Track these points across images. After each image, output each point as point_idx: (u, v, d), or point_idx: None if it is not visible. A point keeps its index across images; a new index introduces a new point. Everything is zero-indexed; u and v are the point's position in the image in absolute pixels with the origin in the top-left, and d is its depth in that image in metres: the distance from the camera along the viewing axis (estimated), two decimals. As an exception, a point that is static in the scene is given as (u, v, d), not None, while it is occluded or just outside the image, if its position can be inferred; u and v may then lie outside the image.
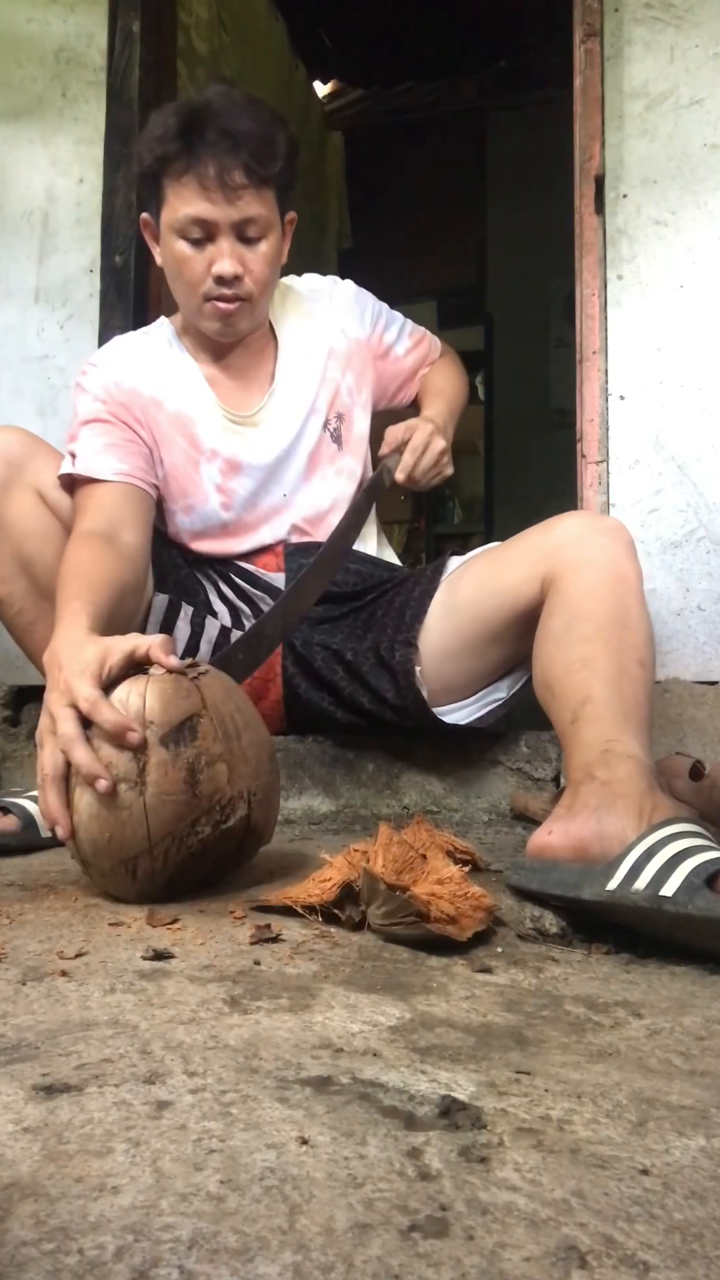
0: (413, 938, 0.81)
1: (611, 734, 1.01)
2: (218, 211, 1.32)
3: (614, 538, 1.24)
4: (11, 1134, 0.47)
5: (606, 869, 0.84)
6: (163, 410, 1.45)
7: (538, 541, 1.30)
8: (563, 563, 1.23)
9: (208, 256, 1.36)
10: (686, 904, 0.76)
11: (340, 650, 1.46)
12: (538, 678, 1.19)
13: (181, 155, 1.31)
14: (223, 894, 0.99)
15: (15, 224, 2.12)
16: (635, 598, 1.17)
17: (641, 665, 1.10)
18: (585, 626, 1.14)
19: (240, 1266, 0.37)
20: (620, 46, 1.79)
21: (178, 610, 1.45)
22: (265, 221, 1.36)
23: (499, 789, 1.52)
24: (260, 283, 1.39)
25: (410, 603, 1.43)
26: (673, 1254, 0.38)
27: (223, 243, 1.35)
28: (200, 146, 1.30)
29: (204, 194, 1.32)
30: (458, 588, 1.39)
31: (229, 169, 1.30)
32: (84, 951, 0.79)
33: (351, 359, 1.56)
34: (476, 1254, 0.38)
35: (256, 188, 1.33)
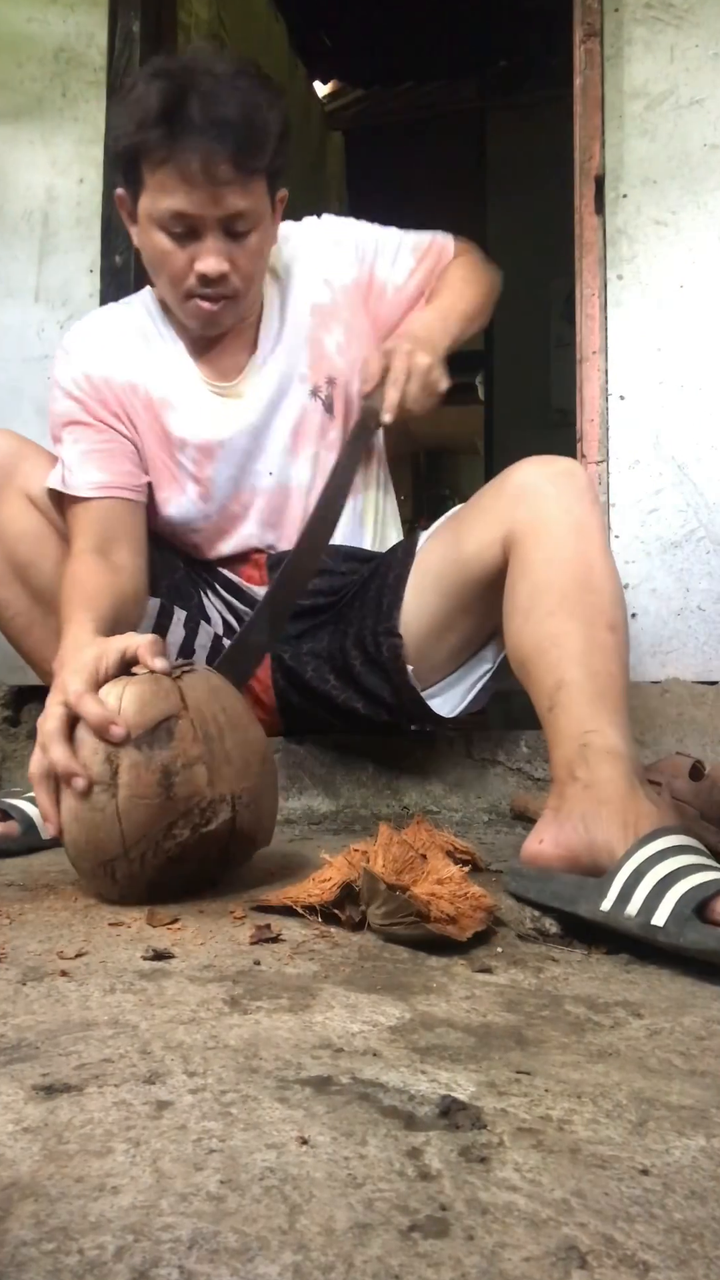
0: (413, 938, 0.81)
1: (589, 724, 0.99)
2: (203, 207, 1.21)
3: (569, 484, 1.17)
4: (11, 1134, 0.47)
5: (599, 885, 0.84)
6: (138, 395, 1.38)
7: (493, 500, 1.24)
8: (519, 522, 1.17)
9: (190, 253, 1.25)
10: (678, 936, 0.76)
11: (330, 654, 1.43)
12: (511, 656, 1.16)
13: (162, 144, 1.18)
14: (223, 894, 0.99)
15: (15, 224, 2.12)
16: (598, 550, 1.12)
17: (611, 630, 1.07)
18: (550, 597, 1.09)
19: (240, 1266, 0.37)
20: (620, 46, 1.80)
21: (170, 614, 1.43)
22: (254, 214, 1.25)
23: (499, 789, 1.52)
24: (248, 278, 1.30)
25: (386, 589, 1.37)
26: (673, 1254, 0.38)
27: (207, 240, 1.24)
28: (183, 135, 1.17)
29: (187, 187, 1.20)
30: (427, 564, 1.34)
31: (215, 162, 1.18)
32: (84, 951, 0.79)
33: (339, 311, 1.43)
34: (476, 1254, 0.38)
35: (245, 180, 1.22)
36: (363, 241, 1.46)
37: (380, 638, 1.35)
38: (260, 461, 1.41)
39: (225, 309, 1.31)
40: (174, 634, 1.43)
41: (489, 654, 1.38)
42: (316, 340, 1.42)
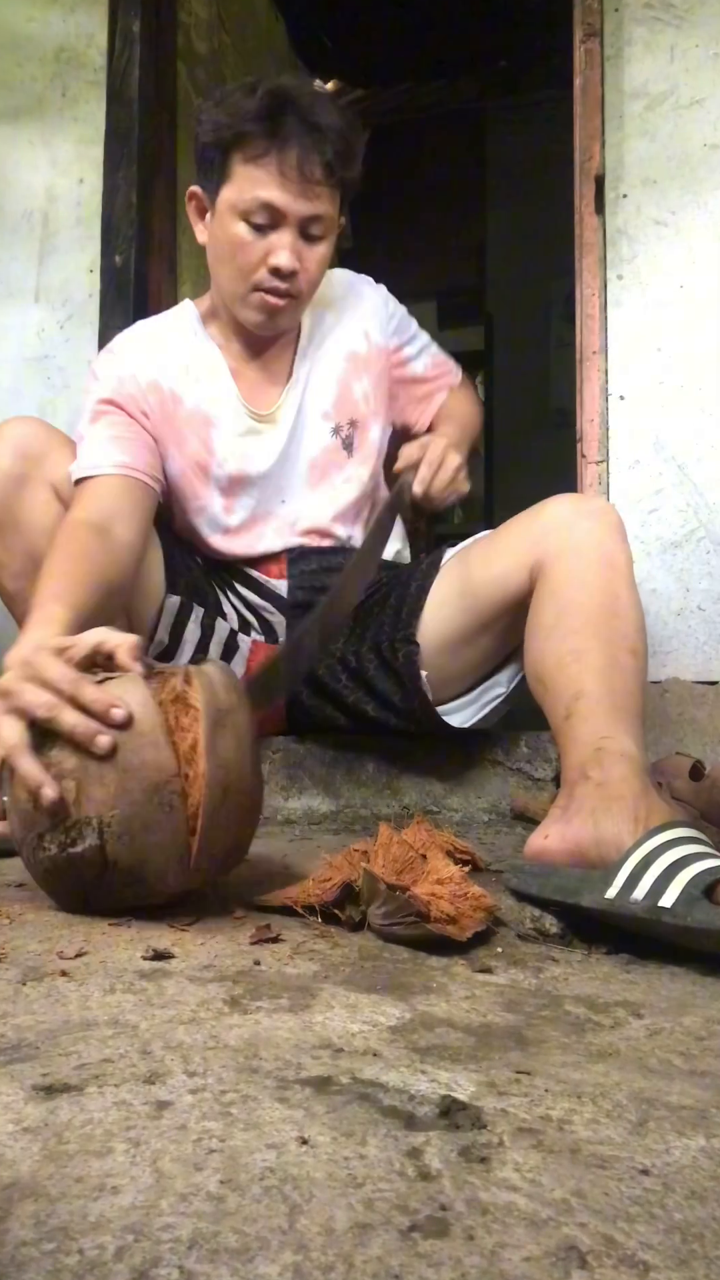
0: (413, 938, 0.81)
1: (604, 730, 1.01)
2: (291, 201, 1.28)
3: (600, 521, 1.21)
4: (11, 1134, 0.47)
5: (605, 875, 0.84)
6: (181, 406, 1.41)
7: (525, 528, 1.28)
8: (550, 551, 1.20)
9: (267, 245, 1.31)
10: (686, 916, 0.76)
11: (344, 655, 1.44)
12: (530, 671, 1.18)
13: (264, 136, 1.26)
14: (223, 894, 0.99)
15: (15, 224, 2.13)
16: (624, 583, 1.16)
17: (633, 654, 1.09)
18: (575, 618, 1.12)
19: (240, 1266, 0.37)
20: (620, 46, 1.80)
21: (189, 612, 1.44)
22: (330, 221, 1.32)
23: (499, 789, 1.52)
24: (311, 283, 1.36)
25: (407, 598, 1.40)
26: (673, 1254, 0.38)
27: (285, 234, 1.30)
28: (286, 131, 1.26)
29: (281, 180, 1.27)
30: (451, 578, 1.38)
31: (311, 161, 1.26)
32: (84, 951, 0.79)
33: (371, 365, 1.50)
34: (476, 1254, 0.38)
35: (332, 186, 1.30)
36: (402, 320, 1.56)
37: (398, 644, 1.38)
38: (276, 488, 1.45)
39: (286, 309, 1.36)
40: (191, 631, 1.44)
41: (504, 677, 1.41)
42: (346, 385, 1.47)
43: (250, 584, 1.49)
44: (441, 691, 1.40)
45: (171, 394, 1.41)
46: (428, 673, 1.37)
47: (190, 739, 0.86)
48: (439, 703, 1.40)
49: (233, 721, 0.88)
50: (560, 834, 0.95)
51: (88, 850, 0.85)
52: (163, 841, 0.85)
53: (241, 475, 1.43)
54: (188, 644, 1.43)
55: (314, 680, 1.46)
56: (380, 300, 1.54)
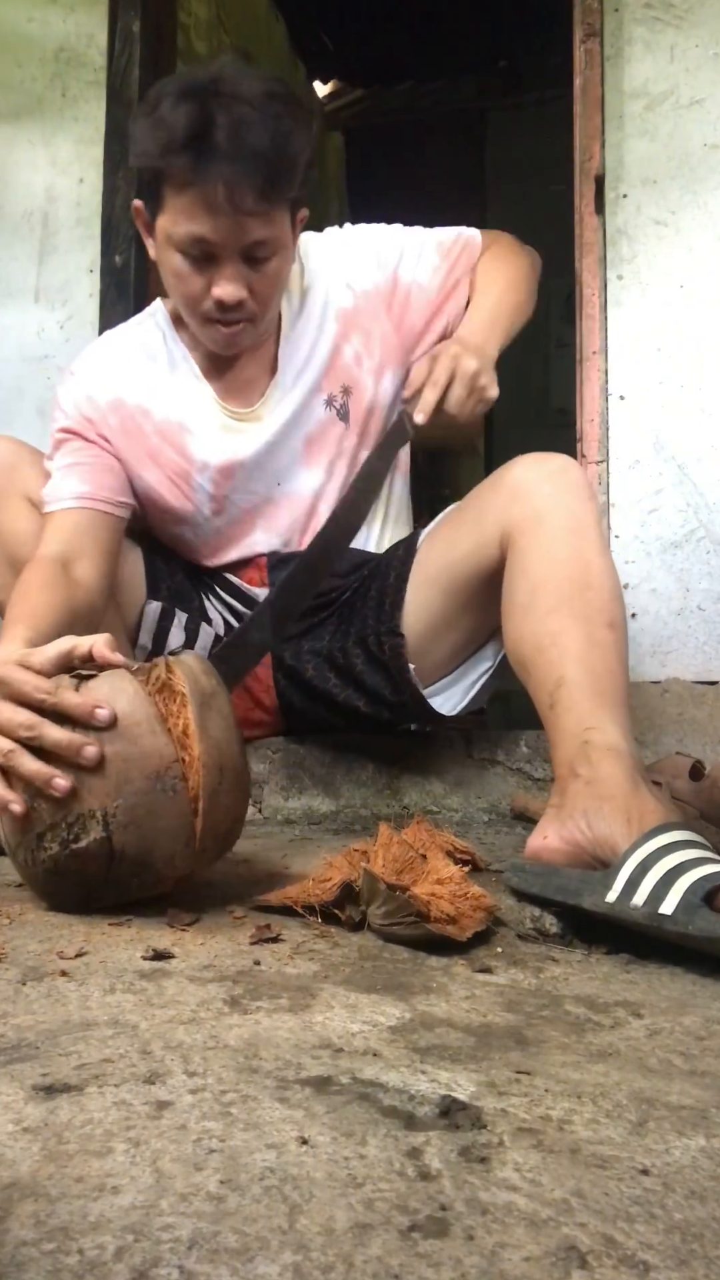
0: (413, 938, 0.81)
1: (589, 721, 1.00)
2: (224, 234, 1.19)
3: (563, 480, 1.17)
4: (11, 1134, 0.47)
5: (605, 878, 0.84)
6: (150, 419, 1.36)
7: (490, 498, 1.24)
8: (515, 520, 1.17)
9: (208, 278, 1.23)
10: (687, 924, 0.76)
11: (329, 653, 1.43)
12: (511, 654, 1.16)
13: (188, 170, 1.15)
14: (223, 894, 0.99)
15: (15, 224, 2.13)
16: (594, 548, 1.12)
17: (610, 627, 1.07)
18: (548, 595, 1.10)
19: (240, 1266, 0.37)
20: (620, 46, 1.80)
21: (171, 617, 1.42)
22: (276, 242, 1.23)
23: (499, 789, 1.52)
24: (265, 302, 1.28)
25: (388, 590, 1.37)
26: (673, 1254, 0.38)
27: (226, 267, 1.22)
28: (210, 162, 1.14)
29: (210, 215, 1.17)
30: (427, 562, 1.35)
31: (241, 192, 1.15)
32: (84, 951, 0.79)
33: (359, 317, 1.39)
34: (476, 1254, 0.38)
35: (269, 210, 1.19)
36: (384, 246, 1.42)
37: (383, 638, 1.36)
38: (271, 472, 1.40)
39: (243, 331, 1.30)
40: (174, 637, 1.43)
41: (489, 652, 1.38)
42: (337, 349, 1.39)
43: (231, 590, 1.47)
44: (429, 676, 1.38)
45: (138, 408, 1.36)
46: (414, 664, 1.35)
47: (181, 724, 0.88)
48: (427, 684, 1.38)
49: (217, 704, 0.90)
50: (557, 834, 0.95)
51: (93, 843, 0.85)
52: (169, 826, 0.86)
53: (228, 465, 1.38)
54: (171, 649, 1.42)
55: (304, 684, 1.45)
56: (345, 243, 1.42)
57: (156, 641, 1.42)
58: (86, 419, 1.35)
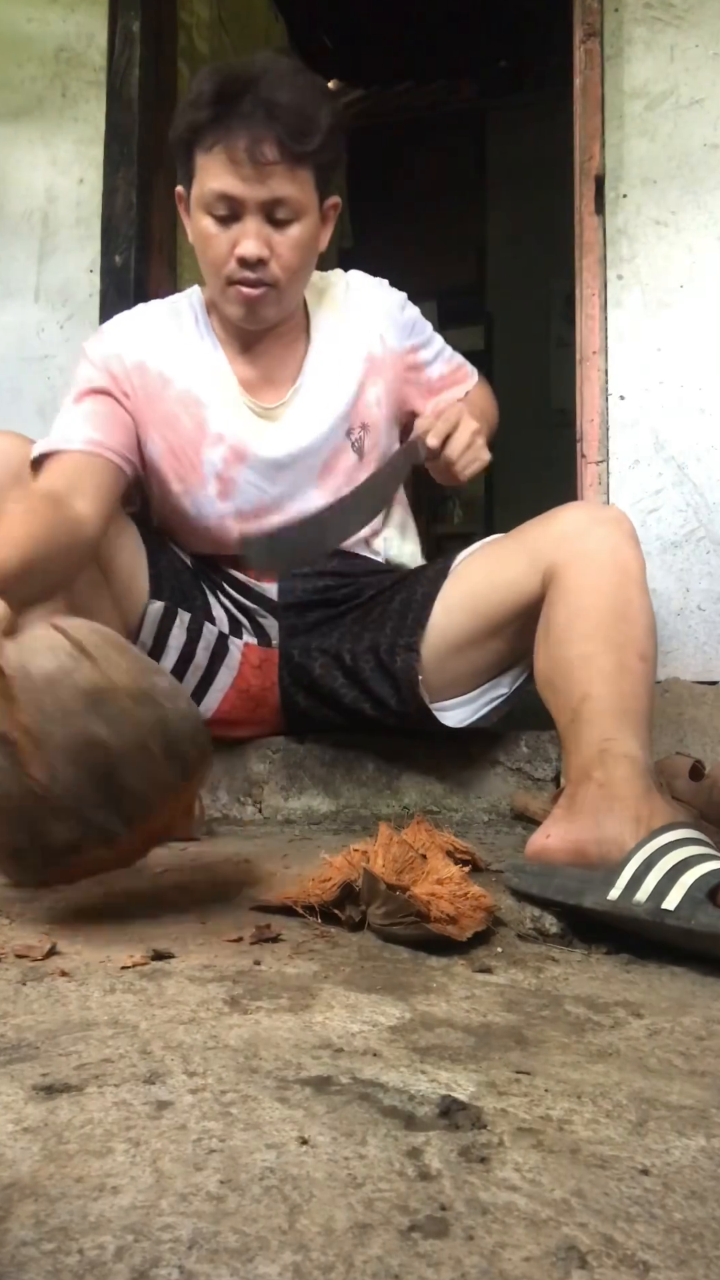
0: (413, 938, 0.81)
1: (609, 733, 1.01)
2: (245, 188, 1.23)
3: (615, 528, 1.22)
4: (11, 1134, 0.47)
5: (607, 876, 0.84)
6: (170, 387, 1.39)
7: (539, 535, 1.28)
8: (563, 557, 1.21)
9: (232, 236, 1.27)
10: (689, 919, 0.76)
11: (338, 652, 1.43)
12: (539, 674, 1.19)
13: (212, 125, 1.22)
14: (223, 894, 0.99)
15: (15, 224, 2.13)
16: (637, 588, 1.16)
17: (642, 659, 1.10)
18: (585, 623, 1.13)
19: (240, 1266, 0.37)
20: (620, 46, 1.80)
21: (174, 617, 1.42)
22: (297, 203, 1.26)
23: (499, 789, 1.52)
24: (288, 269, 1.30)
25: (413, 604, 1.39)
26: (673, 1254, 0.38)
27: (249, 223, 1.26)
28: (232, 117, 1.21)
29: (233, 169, 1.22)
30: (460, 582, 1.37)
31: (261, 143, 1.21)
32: (84, 951, 0.79)
33: (384, 369, 1.46)
34: (476, 1254, 0.38)
35: (290, 165, 1.23)
36: (417, 324, 1.51)
37: (398, 650, 1.37)
38: (287, 485, 1.43)
39: (265, 298, 1.32)
40: (175, 637, 1.42)
41: (507, 679, 1.41)
42: (362, 387, 1.44)
43: (238, 586, 1.48)
44: (444, 691, 1.39)
45: (159, 374, 1.38)
46: (430, 675, 1.36)
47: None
48: (439, 701, 1.39)
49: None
50: (562, 834, 0.95)
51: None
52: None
53: (241, 449, 1.40)
54: (172, 650, 1.42)
55: (310, 681, 1.46)
56: (395, 303, 1.50)
57: (157, 641, 1.42)
58: (111, 375, 1.37)
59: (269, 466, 1.41)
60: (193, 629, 1.44)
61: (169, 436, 1.39)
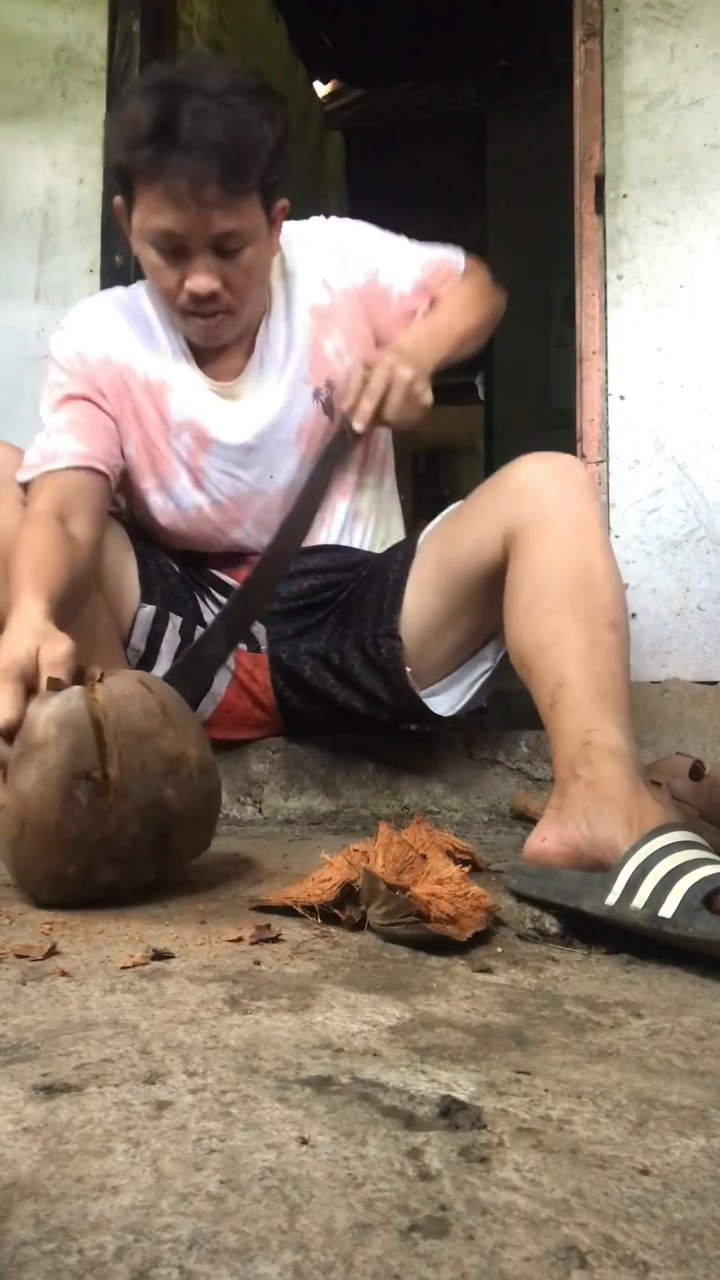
0: (413, 938, 0.81)
1: (590, 723, 1.00)
2: (191, 227, 1.21)
3: (568, 480, 1.18)
4: (11, 1134, 0.47)
5: (604, 880, 0.84)
6: (134, 377, 1.38)
7: (494, 497, 1.24)
8: (519, 519, 1.17)
9: (181, 271, 1.26)
10: (686, 927, 0.76)
11: (326, 654, 1.42)
12: (513, 653, 1.16)
13: (151, 164, 1.18)
14: (222, 894, 0.99)
15: (15, 224, 2.13)
16: (598, 548, 1.13)
17: (613, 628, 1.07)
18: (551, 595, 1.10)
19: (240, 1266, 0.37)
20: (620, 46, 1.80)
21: (166, 621, 1.42)
22: (246, 232, 1.24)
23: (499, 789, 1.52)
24: (242, 294, 1.30)
25: (386, 591, 1.37)
26: (673, 1254, 0.38)
27: (197, 259, 1.24)
28: (170, 155, 1.16)
29: (174, 208, 1.20)
30: (428, 561, 1.34)
31: (202, 184, 1.17)
32: (84, 951, 0.79)
33: (338, 315, 1.40)
34: (476, 1254, 0.38)
35: (234, 201, 1.20)
36: (368, 247, 1.44)
37: (380, 640, 1.35)
38: (263, 465, 1.41)
39: (222, 324, 1.32)
40: (169, 640, 1.42)
41: (489, 652, 1.38)
42: (316, 343, 1.41)
43: (224, 590, 1.47)
44: (428, 677, 1.38)
45: (125, 366, 1.37)
46: (412, 660, 1.34)
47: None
48: (425, 687, 1.38)
49: (41, 756, 0.90)
50: (556, 836, 0.95)
51: None
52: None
53: (202, 434, 1.38)
54: (165, 653, 1.42)
55: (302, 684, 1.45)
56: (335, 242, 1.43)
57: (150, 645, 1.42)
58: (81, 375, 1.37)
59: (236, 452, 1.40)
60: (185, 633, 1.43)
61: (140, 430, 1.39)
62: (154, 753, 0.92)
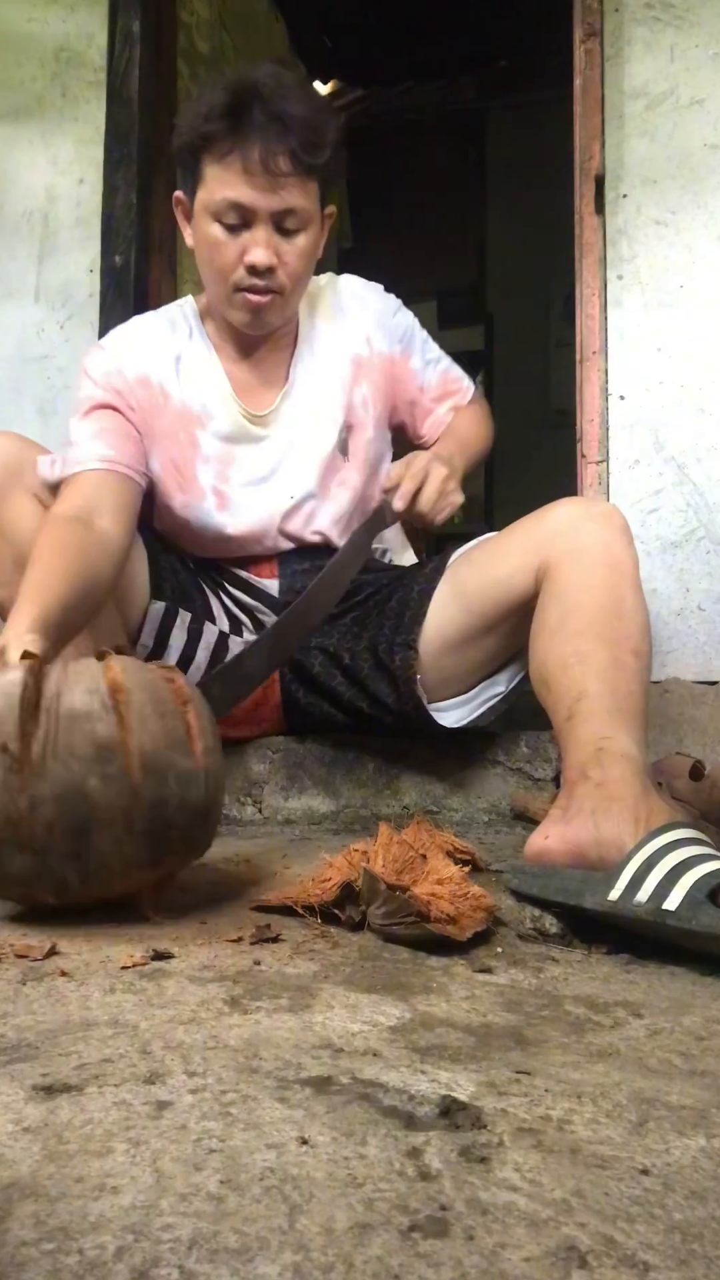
0: (413, 938, 0.81)
1: (605, 731, 1.01)
2: (258, 198, 1.26)
3: (607, 524, 1.22)
4: (11, 1134, 0.47)
5: (607, 878, 0.84)
6: (170, 401, 1.40)
7: (531, 530, 1.28)
8: (556, 553, 1.21)
9: (241, 244, 1.29)
10: (690, 920, 0.76)
11: (337, 652, 1.44)
12: (534, 672, 1.18)
13: (226, 135, 1.25)
14: (223, 894, 0.99)
15: (15, 224, 2.12)
16: (630, 585, 1.16)
17: (636, 655, 1.10)
18: (579, 620, 1.13)
19: (240, 1266, 0.37)
20: (620, 46, 1.79)
21: (174, 617, 1.43)
22: (306, 214, 1.30)
23: (499, 789, 1.52)
24: (294, 277, 1.33)
25: (410, 602, 1.39)
26: (673, 1254, 0.38)
27: (259, 231, 1.28)
28: (247, 127, 1.24)
29: (246, 178, 1.25)
30: (455, 580, 1.37)
31: (275, 154, 1.24)
32: (84, 951, 0.79)
33: (370, 371, 1.48)
34: (476, 1254, 0.38)
35: (301, 177, 1.27)
36: (411, 329, 1.52)
37: (396, 649, 1.37)
38: (281, 487, 1.44)
39: (271, 305, 1.34)
40: (176, 638, 1.43)
41: (504, 677, 1.41)
42: (348, 388, 1.46)
43: (240, 584, 1.49)
44: (440, 690, 1.39)
45: (161, 389, 1.40)
46: (427, 673, 1.36)
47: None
48: (437, 700, 1.39)
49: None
50: (560, 835, 0.95)
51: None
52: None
53: (231, 465, 1.42)
54: (173, 649, 1.43)
55: (310, 679, 1.46)
56: (387, 307, 1.51)
57: (159, 641, 1.43)
58: (115, 390, 1.39)
59: (261, 479, 1.43)
60: (193, 629, 1.44)
61: (170, 450, 1.41)
62: (84, 735, 0.85)
